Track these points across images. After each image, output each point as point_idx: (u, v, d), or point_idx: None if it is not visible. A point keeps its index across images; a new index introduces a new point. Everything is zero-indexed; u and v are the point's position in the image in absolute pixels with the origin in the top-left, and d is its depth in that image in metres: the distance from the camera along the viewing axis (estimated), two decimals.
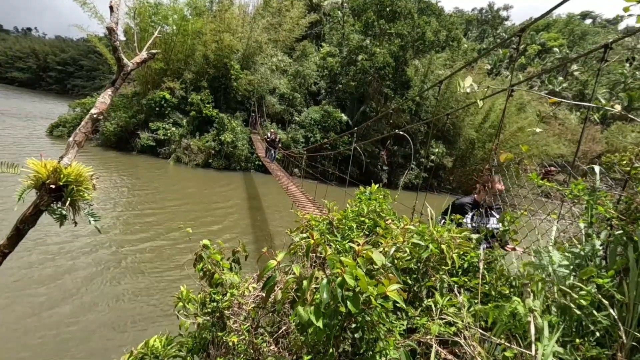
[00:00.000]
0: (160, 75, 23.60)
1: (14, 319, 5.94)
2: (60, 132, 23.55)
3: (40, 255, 8.10)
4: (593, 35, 45.74)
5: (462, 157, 27.67)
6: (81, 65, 69.86)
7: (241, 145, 22.59)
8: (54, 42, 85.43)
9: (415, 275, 2.05)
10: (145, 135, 22.10)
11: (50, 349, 5.46)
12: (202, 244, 2.20)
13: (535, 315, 1.41)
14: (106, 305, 6.79)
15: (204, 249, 2.16)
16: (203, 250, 2.13)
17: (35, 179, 2.74)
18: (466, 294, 1.94)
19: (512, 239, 2.09)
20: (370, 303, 1.50)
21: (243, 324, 1.77)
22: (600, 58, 2.30)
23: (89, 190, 2.97)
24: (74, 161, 2.96)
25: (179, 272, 8.34)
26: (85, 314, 6.42)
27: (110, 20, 3.04)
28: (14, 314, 6.06)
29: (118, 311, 6.68)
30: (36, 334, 5.69)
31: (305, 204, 8.79)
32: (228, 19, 24.70)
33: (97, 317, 6.40)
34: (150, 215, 12.09)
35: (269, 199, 16.76)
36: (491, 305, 1.58)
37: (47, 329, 5.85)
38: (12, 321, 5.89)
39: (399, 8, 26.06)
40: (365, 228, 2.37)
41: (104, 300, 6.90)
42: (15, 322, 5.87)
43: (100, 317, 6.41)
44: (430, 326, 1.62)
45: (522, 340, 1.45)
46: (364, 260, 1.52)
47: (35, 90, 69.85)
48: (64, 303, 6.62)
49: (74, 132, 2.99)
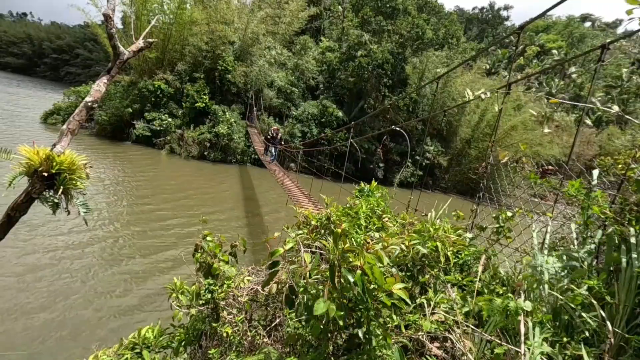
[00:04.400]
0: (157, 64, 23.33)
1: None
2: (55, 120, 23.23)
3: (28, 242, 8.03)
4: (592, 38, 45.91)
5: (458, 156, 27.78)
6: (77, 54, 68.78)
7: (237, 138, 22.46)
8: (49, 28, 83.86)
9: (410, 272, 2.06)
10: (140, 125, 21.87)
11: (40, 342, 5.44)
12: (203, 234, 2.18)
13: (526, 315, 1.42)
14: (96, 295, 6.76)
15: (204, 239, 2.15)
16: (203, 241, 2.12)
17: (27, 166, 2.70)
18: (459, 291, 1.96)
19: (506, 236, 2.10)
20: (375, 298, 1.54)
21: (237, 316, 1.77)
22: (597, 59, 2.30)
23: (82, 179, 2.94)
24: (67, 149, 2.93)
25: (172, 264, 8.33)
26: (76, 303, 6.39)
27: (106, 7, 2.99)
28: None
29: (108, 301, 6.66)
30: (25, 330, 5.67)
31: (300, 198, 8.78)
32: (223, 9, 24.40)
33: (89, 306, 6.38)
34: (141, 205, 12.01)
35: (264, 193, 16.72)
36: (485, 298, 1.59)
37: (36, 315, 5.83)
38: None
39: (398, 4, 25.95)
40: (362, 225, 2.38)
41: (95, 290, 6.87)
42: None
43: (91, 307, 6.39)
44: (422, 323, 1.63)
45: (513, 338, 1.47)
46: (373, 256, 1.53)
47: (29, 76, 68.72)
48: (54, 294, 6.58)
49: (68, 119, 2.95)
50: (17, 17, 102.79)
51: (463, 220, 2.45)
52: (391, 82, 25.48)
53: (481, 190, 2.41)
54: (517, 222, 2.02)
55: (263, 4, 28.13)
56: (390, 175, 25.97)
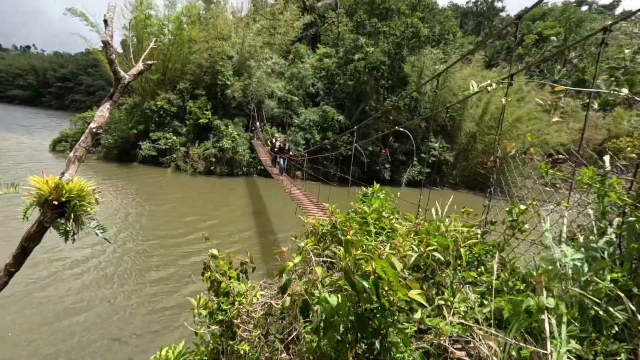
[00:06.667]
0: (159, 85, 23.69)
1: (26, 329, 5.94)
2: (63, 147, 23.67)
3: (43, 268, 8.13)
4: (590, 22, 45.38)
5: (464, 151, 27.51)
6: (80, 81, 70.26)
7: (242, 150, 22.62)
8: (52, 57, 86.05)
9: (423, 273, 2.02)
10: (146, 146, 22.18)
11: None
12: (211, 253, 2.18)
13: (550, 312, 1.37)
14: (113, 314, 6.79)
15: (212, 258, 2.14)
16: (211, 260, 2.11)
17: (37, 196, 2.73)
18: (474, 289, 1.91)
19: (520, 230, 2.05)
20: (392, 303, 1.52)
21: (253, 332, 1.75)
22: (599, 42, 2.26)
23: (91, 204, 2.97)
24: (75, 176, 2.96)
25: (186, 281, 8.34)
26: (94, 323, 6.42)
27: (104, 34, 3.04)
28: (25, 325, 6.07)
29: (124, 320, 6.68)
30: (49, 344, 5.70)
31: (309, 206, 8.76)
32: (220, 25, 24.76)
33: (107, 326, 6.41)
34: (150, 223, 12.11)
35: (273, 203, 16.74)
36: (505, 298, 1.54)
37: (62, 337, 5.86)
38: (24, 331, 5.89)
39: (391, 5, 26.03)
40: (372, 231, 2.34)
41: (112, 310, 6.91)
42: (27, 331, 5.88)
43: (108, 326, 6.42)
44: (444, 327, 1.59)
45: (537, 337, 1.42)
46: (386, 262, 1.51)
47: (36, 107, 70.30)
48: (73, 313, 6.63)
49: (75, 147, 2.99)
50: (20, 50, 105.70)
51: (475, 217, 2.41)
52: (390, 82, 25.47)
53: (491, 184, 2.37)
54: (532, 214, 1.97)
55: (258, 17, 28.47)
56: (397, 176, 25.83)
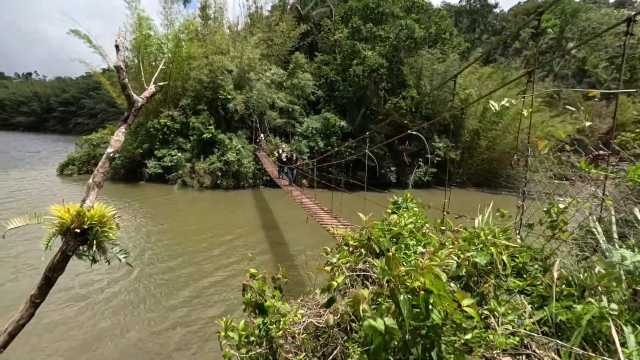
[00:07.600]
0: (161, 103, 23.92)
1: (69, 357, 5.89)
2: (71, 171, 23.89)
3: (76, 293, 8.11)
4: (585, 12, 45.39)
5: (468, 149, 27.40)
6: (83, 104, 71.31)
7: (247, 162, 22.68)
8: (54, 83, 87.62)
9: (464, 282, 1.94)
10: (152, 164, 22.33)
11: None
12: (250, 272, 2.13)
13: (615, 319, 1.30)
14: (152, 336, 6.72)
15: (251, 278, 2.09)
16: (251, 280, 2.06)
17: (59, 224, 2.70)
18: (522, 298, 1.84)
19: (562, 230, 1.97)
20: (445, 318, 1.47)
21: (298, 354, 1.68)
22: (624, 32, 2.21)
23: (112, 229, 2.94)
24: (95, 202, 2.94)
25: (216, 300, 8.27)
26: (134, 345, 6.35)
27: (117, 59, 3.04)
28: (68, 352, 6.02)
29: (162, 344, 6.60)
30: None
31: (322, 215, 8.67)
32: (218, 40, 25.05)
33: (149, 347, 6.34)
34: (160, 242, 12.09)
35: (282, 214, 16.69)
36: (562, 304, 1.47)
37: None
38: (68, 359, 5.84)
39: (385, 9, 26.22)
40: (410, 245, 2.28)
41: (149, 332, 6.84)
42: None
43: (151, 348, 6.35)
44: (496, 339, 1.51)
45: (602, 346, 1.34)
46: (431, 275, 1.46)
47: (41, 132, 71.33)
48: (98, 343, 6.57)
49: (93, 173, 2.97)
50: (22, 77, 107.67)
51: (510, 218, 2.34)
52: (390, 85, 25.53)
53: (524, 184, 2.30)
54: (573, 214, 1.90)
55: (254, 29, 28.80)
56: (403, 178, 25.74)
